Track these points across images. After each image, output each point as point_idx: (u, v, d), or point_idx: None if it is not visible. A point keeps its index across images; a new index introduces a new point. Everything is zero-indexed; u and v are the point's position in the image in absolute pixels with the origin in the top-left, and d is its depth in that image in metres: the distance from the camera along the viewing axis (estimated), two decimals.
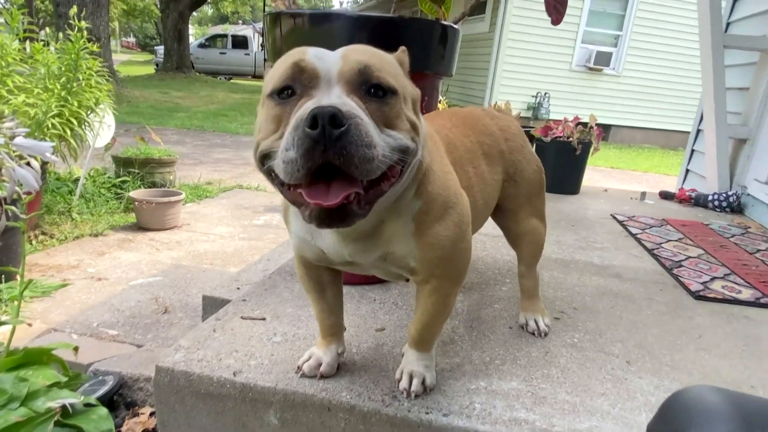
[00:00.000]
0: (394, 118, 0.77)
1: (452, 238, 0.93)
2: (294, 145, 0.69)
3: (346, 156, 0.68)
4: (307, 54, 0.77)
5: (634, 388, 1.17)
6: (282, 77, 0.76)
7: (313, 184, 0.73)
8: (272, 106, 0.78)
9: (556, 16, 1.67)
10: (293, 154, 0.69)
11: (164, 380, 1.13)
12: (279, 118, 0.76)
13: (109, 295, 2.60)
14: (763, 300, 1.68)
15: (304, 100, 0.74)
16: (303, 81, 0.75)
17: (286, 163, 0.70)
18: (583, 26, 10.86)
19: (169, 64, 18.22)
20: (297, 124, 0.69)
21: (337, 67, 0.76)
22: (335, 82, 0.75)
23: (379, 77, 0.76)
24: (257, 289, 1.54)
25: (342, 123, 0.67)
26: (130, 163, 4.37)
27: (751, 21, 3.18)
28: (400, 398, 1.07)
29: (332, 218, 0.73)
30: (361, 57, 0.77)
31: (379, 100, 0.76)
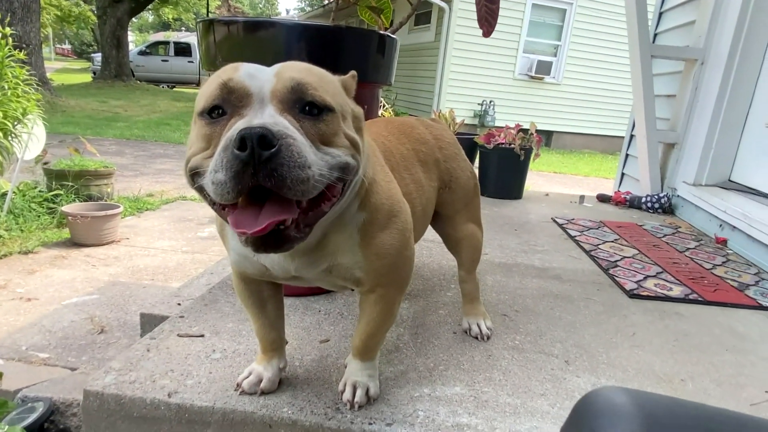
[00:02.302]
0: (332, 135, 0.76)
1: (397, 247, 0.93)
2: (223, 167, 0.67)
3: (278, 178, 0.66)
4: (238, 72, 0.75)
5: (572, 387, 1.20)
6: (211, 97, 0.74)
7: (244, 208, 0.71)
8: (202, 125, 0.75)
9: (487, 28, 1.71)
10: (222, 176, 0.67)
11: (93, 405, 1.07)
12: (209, 138, 0.74)
13: (40, 316, 2.45)
14: (692, 296, 1.77)
15: (234, 120, 0.72)
16: (233, 101, 0.73)
17: (216, 185, 0.67)
18: (524, 36, 11.22)
19: (107, 72, 17.54)
20: (226, 145, 0.67)
21: (270, 86, 0.74)
22: (268, 101, 0.73)
23: (314, 95, 0.75)
24: (196, 305, 1.49)
25: (272, 144, 0.65)
26: (64, 175, 4.16)
27: (675, 32, 3.37)
28: (344, 410, 1.05)
29: (268, 244, 0.71)
30: (295, 74, 0.75)
31: (314, 118, 0.75)
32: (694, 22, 3.10)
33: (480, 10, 1.65)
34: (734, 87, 2.74)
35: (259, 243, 0.71)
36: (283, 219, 0.70)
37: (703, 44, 2.92)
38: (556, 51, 11.67)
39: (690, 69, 3.01)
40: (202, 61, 1.51)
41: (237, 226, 0.69)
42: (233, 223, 0.70)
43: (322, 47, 1.40)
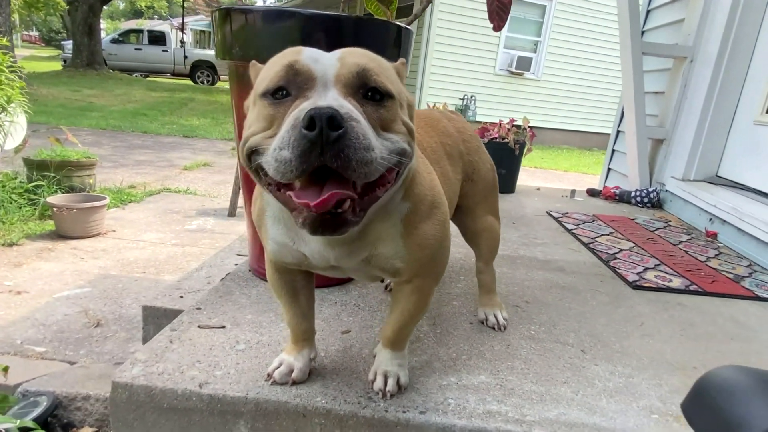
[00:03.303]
0: (391, 121, 0.77)
1: (439, 237, 0.94)
2: (289, 145, 0.67)
3: (344, 159, 0.67)
4: (302, 55, 0.76)
5: (591, 375, 1.23)
6: (276, 78, 0.75)
7: (305, 187, 0.71)
8: (265, 105, 0.75)
9: (498, 22, 1.73)
10: (288, 154, 0.67)
11: (122, 397, 1.06)
12: (272, 118, 0.74)
13: (32, 310, 2.39)
14: (692, 288, 1.82)
15: (299, 101, 0.72)
16: (298, 83, 0.74)
17: (279, 162, 0.68)
18: (505, 32, 11.29)
19: (79, 60, 17.07)
20: (294, 124, 0.68)
21: (334, 70, 0.74)
22: (332, 85, 0.74)
23: (377, 80, 0.75)
24: (211, 297, 1.47)
25: (340, 125, 0.66)
26: (45, 166, 4.04)
27: (663, 30, 3.45)
28: (376, 399, 1.06)
29: (326, 226, 0.71)
30: (359, 60, 0.76)
31: (376, 103, 0.75)
32: (682, 21, 3.18)
33: (491, 4, 1.67)
34: (723, 84, 2.82)
35: (317, 224, 0.71)
36: (347, 195, 0.70)
37: (692, 42, 3.00)
38: (536, 47, 11.81)
39: (679, 66, 3.09)
40: (217, 50, 1.49)
41: (299, 197, 0.69)
42: (296, 195, 0.70)
43: (340, 38, 1.39)
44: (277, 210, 0.93)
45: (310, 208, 0.69)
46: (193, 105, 12.67)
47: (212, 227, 3.94)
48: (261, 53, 1.39)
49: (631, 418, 1.08)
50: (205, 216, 4.21)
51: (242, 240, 2.44)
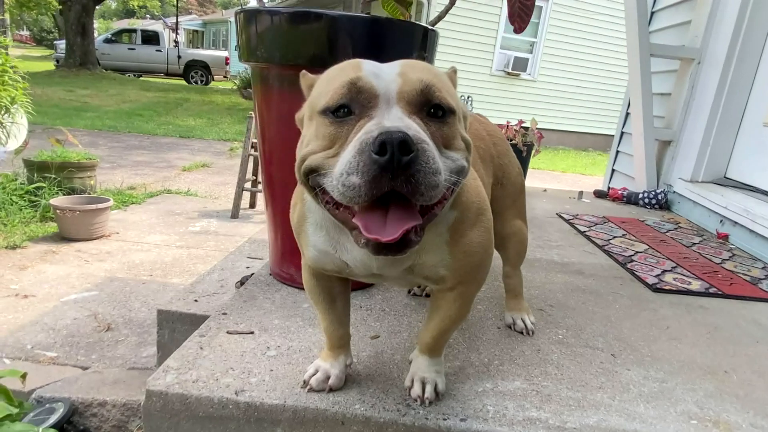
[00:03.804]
0: (452, 138, 0.76)
1: (485, 244, 0.93)
2: (358, 170, 0.65)
3: (414, 184, 0.65)
4: (363, 71, 0.73)
5: (626, 380, 1.22)
6: (337, 96, 0.72)
7: (369, 211, 0.70)
8: (326, 123, 0.73)
9: (519, 24, 1.71)
10: (357, 180, 0.65)
11: (156, 405, 1.04)
12: (333, 137, 0.72)
13: (40, 314, 2.36)
14: (712, 290, 1.82)
15: (364, 121, 0.70)
16: (361, 101, 0.72)
17: (347, 188, 0.66)
18: (501, 33, 11.33)
19: (72, 60, 16.93)
20: (362, 148, 0.66)
21: (396, 86, 0.72)
22: (394, 102, 0.72)
23: (440, 97, 0.74)
24: (235, 302, 1.45)
25: (411, 149, 0.64)
26: (46, 167, 3.99)
27: (668, 32, 3.45)
28: (414, 406, 1.05)
29: (389, 248, 0.70)
30: (421, 75, 0.74)
31: (439, 120, 0.74)
32: (689, 23, 3.18)
33: (513, 6, 1.66)
34: (731, 86, 2.83)
35: (381, 246, 0.70)
36: (415, 225, 0.69)
37: (699, 44, 3.01)
38: (532, 48, 11.84)
39: (686, 68, 3.09)
40: (241, 52, 1.47)
41: (369, 232, 0.68)
42: (365, 228, 0.69)
43: (367, 39, 1.38)
44: (320, 218, 0.92)
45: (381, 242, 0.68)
46: (188, 105, 12.59)
47: (216, 229, 3.91)
48: (286, 55, 1.39)
49: (671, 424, 1.07)
50: (208, 218, 4.18)
51: (252, 243, 2.42)
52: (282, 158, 1.50)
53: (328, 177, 0.70)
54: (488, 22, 10.99)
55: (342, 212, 0.74)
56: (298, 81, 1.40)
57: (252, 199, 4.65)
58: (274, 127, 1.49)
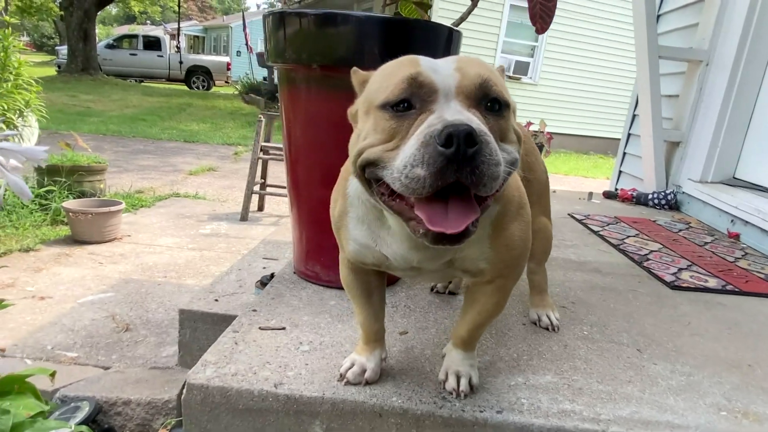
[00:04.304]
0: (507, 131, 0.78)
1: (525, 238, 0.95)
2: (423, 162, 0.67)
3: (478, 176, 0.67)
4: (422, 66, 0.75)
5: (653, 374, 1.24)
6: (398, 90, 0.74)
7: (430, 203, 0.72)
8: (385, 117, 0.75)
9: (541, 24, 1.74)
10: (422, 172, 0.67)
11: (196, 398, 1.05)
12: (393, 131, 0.74)
13: (58, 315, 2.37)
14: (728, 287, 1.84)
15: (425, 115, 0.72)
16: (421, 95, 0.73)
17: (411, 179, 0.68)
18: (503, 37, 11.40)
19: (74, 66, 16.97)
20: (427, 141, 0.67)
21: (455, 81, 0.74)
22: (453, 96, 0.74)
23: (497, 91, 0.76)
24: (264, 299, 1.47)
25: (475, 142, 0.66)
26: (56, 171, 4.01)
27: (675, 34, 3.49)
28: (450, 399, 1.06)
29: (449, 239, 0.71)
30: (479, 70, 0.76)
31: (496, 114, 0.76)
32: (696, 25, 3.22)
33: (534, 7, 1.68)
34: (740, 87, 2.86)
35: (440, 237, 0.71)
36: (476, 216, 0.71)
37: (708, 46, 3.04)
38: (533, 51, 11.90)
39: (694, 70, 3.12)
40: (269, 54, 1.49)
41: (433, 224, 0.70)
42: (429, 220, 0.70)
43: (393, 40, 1.40)
44: (362, 212, 0.94)
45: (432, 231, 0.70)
46: (191, 110, 12.63)
47: (226, 231, 3.93)
48: (314, 56, 1.41)
49: (702, 416, 1.09)
50: (217, 220, 4.19)
51: (266, 244, 2.44)
52: (307, 159, 1.53)
53: (388, 169, 0.72)
54: (489, 26, 11.05)
55: (398, 203, 0.75)
56: (324, 81, 1.44)
57: (260, 202, 4.67)
58: (300, 128, 1.51)
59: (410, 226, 0.75)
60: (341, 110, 1.43)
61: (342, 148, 1.40)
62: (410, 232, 0.75)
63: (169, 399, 1.74)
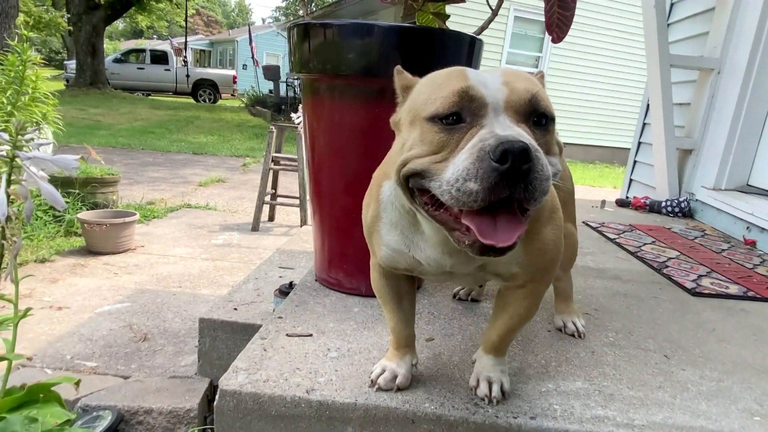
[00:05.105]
0: (551, 144, 0.79)
1: (557, 242, 0.95)
2: (477, 177, 0.67)
3: (530, 191, 0.68)
4: (471, 80, 0.76)
5: (683, 380, 1.23)
6: (448, 103, 0.74)
7: (479, 215, 0.72)
8: (434, 130, 0.75)
9: (558, 33, 1.75)
10: (475, 186, 0.67)
11: (229, 405, 1.06)
12: (441, 143, 0.74)
13: (76, 325, 2.38)
14: (750, 294, 1.83)
15: (475, 129, 0.73)
16: (472, 109, 0.74)
17: (463, 193, 0.68)
18: (507, 48, 11.47)
19: (82, 80, 17.18)
20: (481, 156, 0.68)
21: (504, 95, 0.75)
22: (502, 110, 0.74)
23: (545, 106, 0.77)
24: (288, 307, 1.47)
25: (529, 158, 0.67)
26: (70, 183, 4.05)
27: (684, 43, 3.50)
28: (482, 405, 1.06)
29: (495, 250, 0.72)
30: (527, 85, 0.77)
31: (543, 128, 0.77)
32: (706, 34, 3.23)
33: (551, 16, 1.70)
34: (753, 94, 2.87)
35: (486, 248, 0.72)
36: (523, 228, 0.72)
37: (719, 54, 3.05)
38: (537, 62, 11.96)
39: (706, 78, 3.13)
40: (293, 64, 1.51)
41: (484, 237, 0.70)
42: (480, 233, 0.71)
43: (416, 49, 1.42)
44: (395, 218, 0.94)
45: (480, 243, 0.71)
46: (198, 123, 12.72)
47: (238, 242, 3.94)
48: (338, 66, 1.42)
49: (735, 421, 1.08)
50: (229, 231, 4.21)
51: (281, 253, 2.45)
52: (331, 167, 1.54)
53: (435, 181, 0.73)
54: (495, 38, 11.12)
55: (442, 214, 0.76)
56: (349, 91, 1.46)
57: (271, 212, 4.68)
58: (323, 137, 1.53)
59: (454, 237, 0.76)
60: (365, 118, 1.46)
61: (366, 155, 1.42)
62: (454, 242, 0.76)
63: (191, 408, 1.74)
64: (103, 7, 17.71)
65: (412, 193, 0.80)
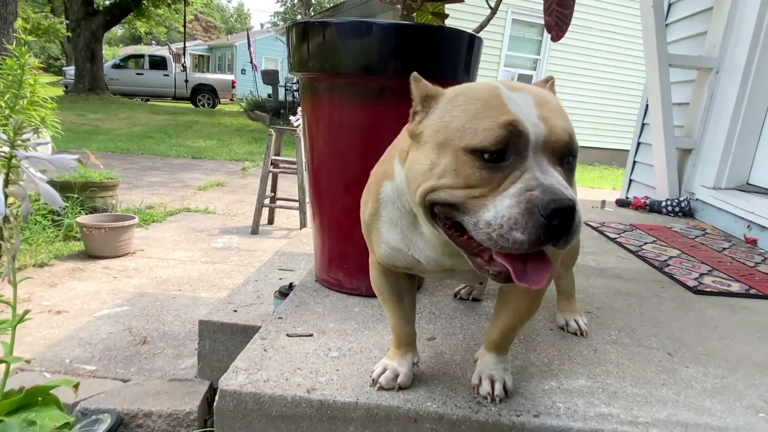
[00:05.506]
0: (573, 178, 0.79)
1: None
2: (526, 229, 0.68)
3: (567, 241, 0.70)
4: (514, 112, 0.73)
5: (687, 377, 1.22)
6: (494, 139, 0.71)
7: (511, 256, 0.73)
8: (475, 165, 0.72)
9: (557, 32, 1.75)
10: (521, 237, 0.68)
11: (229, 405, 1.04)
12: (482, 180, 0.72)
13: (75, 329, 2.37)
14: (752, 291, 1.82)
15: (518, 172, 0.71)
16: (517, 147, 0.72)
17: (507, 240, 0.69)
18: (505, 50, 11.49)
19: (81, 86, 17.18)
20: (531, 209, 0.68)
21: (543, 133, 0.73)
22: (539, 149, 0.73)
23: (576, 147, 0.77)
24: (288, 307, 1.46)
25: (575, 216, 0.68)
26: (69, 187, 4.04)
27: (683, 43, 3.51)
28: (485, 403, 1.05)
29: None
30: (563, 123, 0.76)
31: (570, 167, 0.77)
32: (704, 33, 3.23)
33: (550, 15, 1.70)
34: (752, 93, 2.86)
35: (509, 279, 0.74)
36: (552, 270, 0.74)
37: (717, 54, 3.05)
38: (536, 65, 11.97)
39: (705, 77, 3.13)
40: (291, 64, 1.51)
41: (520, 280, 0.73)
42: (516, 276, 0.72)
43: (416, 47, 1.41)
44: (396, 216, 0.94)
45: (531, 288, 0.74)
46: (197, 127, 12.73)
47: (238, 245, 3.93)
48: (337, 65, 1.42)
49: (740, 417, 1.07)
50: (228, 234, 4.20)
51: (281, 255, 2.44)
52: (330, 167, 1.53)
53: (470, 217, 0.73)
54: (492, 40, 11.13)
55: (466, 241, 0.77)
56: (348, 90, 1.45)
57: (271, 215, 4.67)
58: (322, 137, 1.52)
59: (476, 263, 0.77)
60: (364, 117, 1.45)
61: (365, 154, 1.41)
62: (475, 267, 0.78)
63: (191, 411, 1.73)
64: (101, 13, 17.75)
65: (434, 215, 0.79)
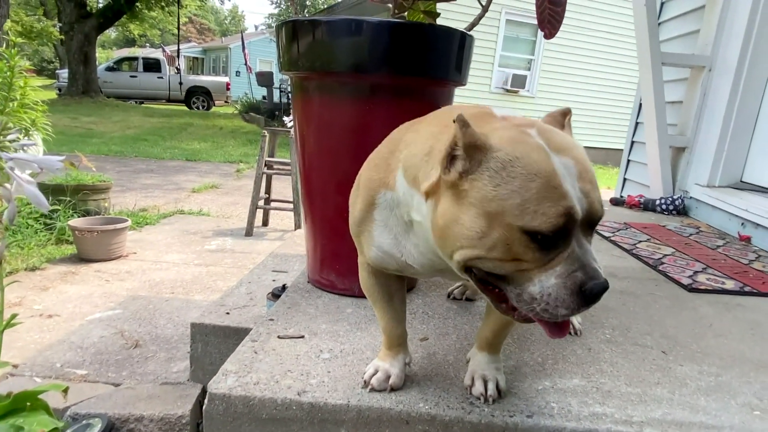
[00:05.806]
0: None
1: None
2: (570, 307, 0.74)
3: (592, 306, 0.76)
4: (570, 195, 0.72)
5: (682, 375, 1.21)
6: (554, 226, 0.71)
7: None
8: (531, 247, 0.72)
9: (550, 30, 1.74)
10: (564, 312, 0.74)
11: (218, 409, 1.03)
12: (533, 258, 0.73)
13: (67, 332, 2.34)
14: (746, 289, 1.82)
15: (564, 251, 0.74)
16: (569, 230, 0.74)
17: (551, 314, 0.75)
18: (499, 51, 11.50)
19: (75, 89, 17.09)
20: (574, 290, 0.73)
21: (583, 209, 0.74)
22: (578, 224, 0.74)
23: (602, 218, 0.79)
24: (280, 309, 1.45)
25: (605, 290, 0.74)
26: (61, 190, 4.01)
27: (675, 42, 3.51)
28: (478, 404, 1.04)
29: None
30: (599, 195, 0.77)
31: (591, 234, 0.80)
32: (697, 32, 3.23)
33: (542, 12, 1.69)
34: (744, 91, 2.87)
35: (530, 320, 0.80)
36: None
37: (710, 52, 3.05)
38: (530, 65, 11.99)
39: (697, 76, 3.13)
40: (281, 64, 1.49)
41: (553, 335, 0.80)
42: (550, 333, 0.80)
43: (407, 45, 1.39)
44: (392, 222, 0.93)
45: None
46: (192, 129, 12.69)
47: (231, 247, 3.91)
48: (328, 63, 1.41)
49: (735, 415, 1.07)
50: (222, 236, 4.18)
51: (275, 257, 2.42)
52: (321, 167, 1.52)
53: (514, 287, 0.76)
54: (487, 41, 11.14)
55: (496, 294, 0.81)
56: (338, 89, 1.44)
57: (265, 217, 4.65)
58: (313, 136, 1.50)
59: (500, 309, 0.82)
60: (355, 116, 1.44)
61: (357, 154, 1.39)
62: (497, 310, 0.83)
63: (183, 414, 1.71)
64: (95, 16, 17.68)
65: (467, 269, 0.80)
